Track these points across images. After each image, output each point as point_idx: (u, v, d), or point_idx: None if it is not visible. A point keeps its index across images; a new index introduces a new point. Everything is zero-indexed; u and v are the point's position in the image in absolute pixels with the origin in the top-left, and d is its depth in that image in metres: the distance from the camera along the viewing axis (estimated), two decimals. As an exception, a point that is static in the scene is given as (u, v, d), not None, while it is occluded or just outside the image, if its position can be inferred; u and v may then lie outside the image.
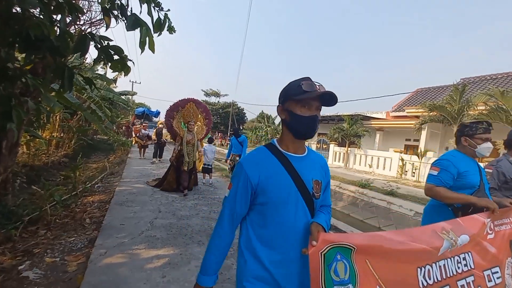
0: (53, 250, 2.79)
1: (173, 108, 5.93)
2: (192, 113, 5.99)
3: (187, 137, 5.36)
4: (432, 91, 17.21)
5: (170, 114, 5.87)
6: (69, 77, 2.25)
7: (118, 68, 2.24)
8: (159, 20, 2.28)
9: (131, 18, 2.00)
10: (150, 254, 2.66)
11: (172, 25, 2.38)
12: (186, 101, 6.03)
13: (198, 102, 6.22)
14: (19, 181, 5.84)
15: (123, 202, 4.33)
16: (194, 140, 5.44)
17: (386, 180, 10.66)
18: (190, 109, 5.99)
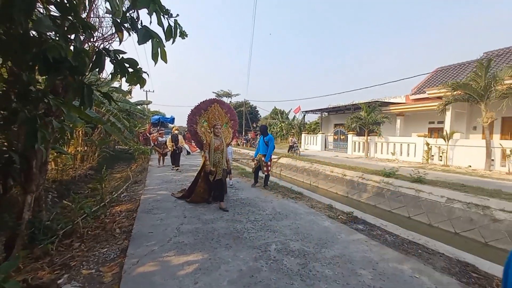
0: (88, 262, 2.88)
1: (195, 111, 5.27)
2: (217, 115, 5.33)
3: (214, 143, 4.69)
4: (453, 69, 16.30)
5: (193, 119, 5.22)
6: (88, 94, 2.30)
7: (134, 81, 2.26)
8: (170, 28, 2.27)
9: (141, 31, 2.00)
10: (180, 260, 2.68)
11: (184, 30, 2.37)
12: (209, 103, 5.38)
13: (221, 103, 5.62)
14: (50, 196, 6.15)
15: (149, 210, 4.43)
16: (222, 146, 4.78)
17: (412, 167, 10.23)
18: (215, 111, 5.32)
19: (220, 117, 5.34)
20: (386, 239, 3.40)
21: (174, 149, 9.50)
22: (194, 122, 5.23)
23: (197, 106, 5.34)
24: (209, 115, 5.29)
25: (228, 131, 5.45)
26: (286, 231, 3.55)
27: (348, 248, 3.06)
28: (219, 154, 4.74)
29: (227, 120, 5.48)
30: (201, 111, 5.29)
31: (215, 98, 5.63)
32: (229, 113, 5.58)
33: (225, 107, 5.60)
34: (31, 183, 3.66)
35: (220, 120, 5.26)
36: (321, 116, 22.53)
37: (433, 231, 6.02)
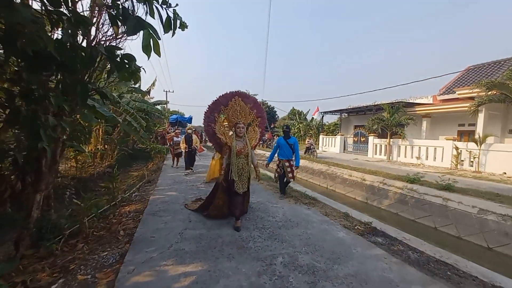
0: (86, 266, 2.77)
1: (213, 108, 4.38)
2: (240, 112, 4.32)
3: (237, 146, 3.84)
4: (487, 67, 15.07)
5: (210, 116, 4.35)
6: (83, 92, 2.19)
7: (125, 77, 2.10)
8: (168, 19, 2.09)
9: (131, 21, 1.83)
10: (178, 271, 2.50)
11: (184, 22, 2.18)
12: (230, 96, 4.40)
13: (245, 96, 4.55)
14: (68, 193, 6.26)
15: (155, 212, 4.32)
16: (247, 149, 3.89)
17: (439, 172, 9.50)
18: (236, 107, 4.33)
19: (244, 114, 4.34)
20: (409, 256, 3.02)
21: (189, 150, 8.61)
22: (211, 120, 4.33)
23: (216, 101, 4.40)
24: (230, 112, 4.29)
25: (254, 130, 4.45)
26: (295, 241, 3.27)
27: (365, 265, 2.72)
28: (243, 160, 3.85)
29: (252, 117, 4.47)
30: (220, 107, 4.34)
31: (237, 91, 4.50)
32: (255, 109, 4.52)
33: (250, 101, 4.54)
34: (41, 182, 3.64)
35: (243, 118, 4.29)
36: (340, 117, 21.79)
37: (462, 245, 5.45)
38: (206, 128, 4.40)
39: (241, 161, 3.84)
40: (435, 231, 6.18)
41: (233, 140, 3.90)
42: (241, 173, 3.82)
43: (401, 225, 6.48)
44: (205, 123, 4.41)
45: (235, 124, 4.00)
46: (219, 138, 4.16)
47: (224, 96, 4.43)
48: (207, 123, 4.36)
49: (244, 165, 3.86)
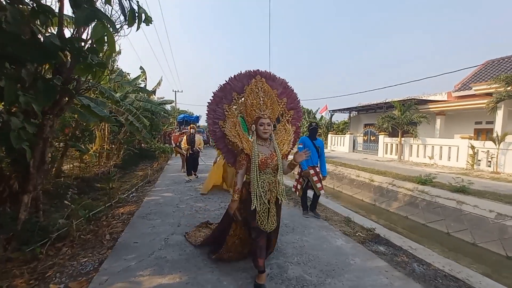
0: (62, 273, 2.61)
1: (221, 96, 2.82)
2: (264, 101, 2.62)
3: (260, 154, 2.42)
4: (506, 62, 14.20)
5: (217, 110, 2.82)
6: (46, 89, 2.01)
7: (83, 72, 1.91)
8: (132, 12, 1.88)
9: (84, 10, 1.62)
10: (153, 283, 2.29)
11: (149, 16, 1.96)
12: (247, 78, 2.78)
13: (270, 77, 2.86)
14: (70, 193, 6.22)
15: (146, 214, 4.15)
16: (276, 159, 2.46)
17: (453, 173, 8.95)
18: (259, 92, 2.64)
19: (270, 104, 2.61)
20: (414, 269, 2.69)
21: (191, 152, 7.25)
22: (219, 115, 2.79)
23: (225, 86, 2.80)
24: (248, 101, 2.62)
25: (286, 129, 2.78)
26: (288, 249, 3.00)
27: (362, 280, 2.43)
28: (270, 176, 2.42)
29: (282, 110, 2.86)
30: (231, 95, 2.80)
31: (258, 70, 2.80)
32: (286, 96, 2.89)
33: (278, 85, 2.87)
34: (28, 183, 3.54)
35: (269, 109, 2.58)
36: (349, 115, 21.19)
37: (478, 252, 5.02)
38: (212, 127, 2.82)
39: (267, 178, 2.38)
40: (448, 236, 5.75)
41: (253, 145, 2.40)
42: (268, 198, 2.36)
43: (411, 229, 6.09)
44: (209, 120, 2.81)
45: (257, 120, 2.45)
46: (231, 142, 2.61)
47: (238, 78, 2.77)
48: (212, 120, 2.78)
49: (273, 185, 2.39)
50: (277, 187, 2.42)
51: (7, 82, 1.65)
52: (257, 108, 2.51)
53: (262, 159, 2.35)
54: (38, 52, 1.67)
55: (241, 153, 2.45)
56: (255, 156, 2.35)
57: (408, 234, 5.64)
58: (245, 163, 2.41)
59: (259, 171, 2.35)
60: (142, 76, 13.12)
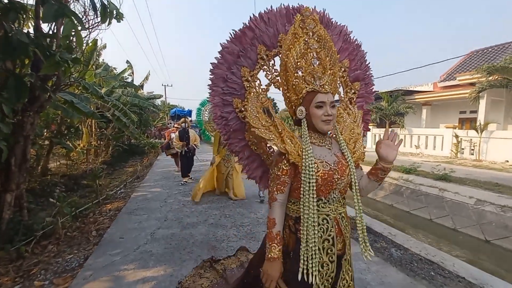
0: (47, 270, 2.62)
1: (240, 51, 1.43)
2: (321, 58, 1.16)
3: (319, 161, 1.16)
4: (490, 52, 14.50)
5: (230, 80, 1.42)
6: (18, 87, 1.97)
7: (49, 69, 1.88)
8: (103, 7, 1.86)
9: (51, 7, 1.59)
10: (137, 276, 2.33)
11: (120, 12, 1.95)
12: (284, 18, 1.46)
13: (323, 21, 1.48)
14: (58, 191, 6.14)
15: (132, 210, 4.16)
16: (346, 172, 1.21)
17: (438, 161, 9.21)
18: (309, 41, 1.16)
19: (331, 64, 1.19)
20: (392, 254, 2.82)
21: (185, 150, 6.14)
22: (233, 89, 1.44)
23: (243, 33, 1.45)
24: (289, 60, 1.19)
25: (350, 115, 1.50)
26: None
27: (341, 266, 2.53)
28: (338, 206, 1.23)
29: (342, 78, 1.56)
30: (256, 51, 1.43)
31: (301, 6, 1.40)
32: (349, 55, 1.58)
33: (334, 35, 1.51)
34: (10, 182, 3.49)
35: (330, 76, 1.17)
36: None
37: (458, 237, 5.25)
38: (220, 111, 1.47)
39: (333, 210, 1.21)
40: (431, 223, 5.98)
41: (305, 145, 1.15)
42: (339, 250, 1.24)
43: (396, 217, 6.30)
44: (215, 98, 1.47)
45: (310, 98, 1.17)
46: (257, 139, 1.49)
47: (266, 18, 1.47)
48: (221, 99, 1.46)
49: (344, 223, 1.27)
50: (348, 229, 1.29)
51: None
52: (308, 73, 1.16)
53: (323, 173, 1.14)
54: (8, 49, 1.64)
55: (279, 162, 1.18)
56: (310, 167, 1.11)
57: (394, 222, 5.84)
58: (288, 181, 1.18)
59: (318, 198, 1.16)
60: (129, 70, 12.85)
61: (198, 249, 2.83)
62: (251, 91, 1.42)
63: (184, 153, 6.20)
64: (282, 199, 1.18)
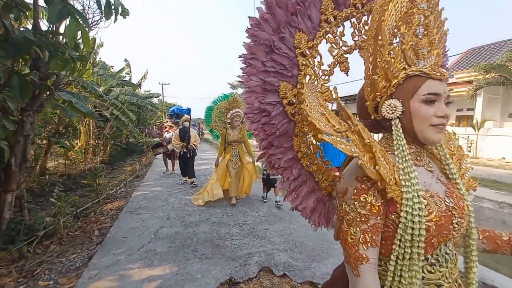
0: (51, 270, 2.62)
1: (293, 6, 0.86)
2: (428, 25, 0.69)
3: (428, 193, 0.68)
4: (487, 50, 14.61)
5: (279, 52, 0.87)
6: (22, 85, 1.96)
7: (58, 67, 1.87)
8: (108, 4, 1.85)
9: (55, 6, 1.58)
10: (143, 275, 2.33)
11: (126, 8, 1.93)
12: None
13: None
14: (56, 191, 6.10)
15: (134, 209, 4.15)
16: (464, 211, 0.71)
17: (435, 159, 9.28)
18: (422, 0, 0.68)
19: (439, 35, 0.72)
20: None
21: (184, 151, 5.70)
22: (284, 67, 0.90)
23: None
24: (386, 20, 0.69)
25: None
26: (275, 238, 3.10)
27: (345, 263, 2.56)
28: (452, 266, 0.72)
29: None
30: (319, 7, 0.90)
31: None
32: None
33: None
34: (11, 182, 3.46)
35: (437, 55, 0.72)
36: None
37: (457, 234, 5.31)
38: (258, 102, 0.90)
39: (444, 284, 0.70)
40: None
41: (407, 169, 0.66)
42: None
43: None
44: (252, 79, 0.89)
45: (415, 86, 0.69)
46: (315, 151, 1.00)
47: None
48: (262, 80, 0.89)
49: None
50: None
51: None
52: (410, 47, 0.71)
53: (438, 216, 0.66)
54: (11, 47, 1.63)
55: (362, 192, 0.68)
56: (420, 207, 0.63)
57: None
58: (381, 225, 0.68)
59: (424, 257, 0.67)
60: (127, 69, 12.77)
61: (202, 247, 2.84)
62: (307, 72, 0.92)
63: (183, 154, 5.76)
64: (375, 257, 0.67)
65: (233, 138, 4.48)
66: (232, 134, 4.50)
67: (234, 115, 4.46)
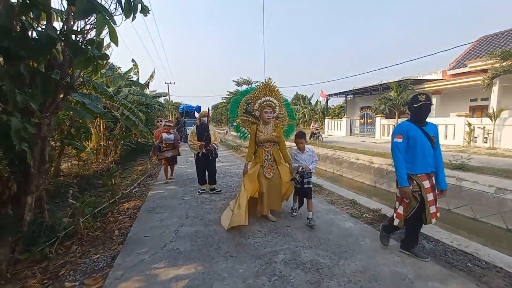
0: (76, 271, 2.61)
1: None
2: None
3: None
4: (501, 37, 14.14)
5: None
6: (44, 85, 1.93)
7: (82, 65, 1.83)
8: (128, 2, 1.79)
9: (81, 3, 1.53)
10: (170, 274, 2.30)
11: (145, 6, 1.87)
12: None
13: None
14: (71, 191, 6.17)
15: (152, 208, 4.14)
16: None
17: (450, 151, 9.06)
18: None
19: None
20: (424, 246, 2.75)
21: (204, 151, 4.73)
22: None
23: None
24: None
25: None
26: (298, 234, 3.03)
27: (374, 259, 2.47)
28: None
29: None
30: None
31: None
32: None
33: None
34: (31, 184, 3.48)
35: None
36: (345, 99, 21.16)
37: (479, 227, 5.15)
38: None
39: None
40: (449, 213, 5.88)
41: None
42: None
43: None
44: None
45: None
46: None
47: None
48: None
49: None
50: None
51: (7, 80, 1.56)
52: None
53: None
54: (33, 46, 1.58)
55: None
56: None
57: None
58: None
59: None
60: (134, 69, 12.82)
61: (225, 245, 2.80)
62: None
63: (202, 156, 4.74)
64: None
65: (266, 137, 3.44)
66: (264, 131, 3.47)
67: (263, 105, 3.48)
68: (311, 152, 3.46)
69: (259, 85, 3.93)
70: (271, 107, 3.51)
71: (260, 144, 3.49)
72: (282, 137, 3.59)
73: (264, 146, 3.48)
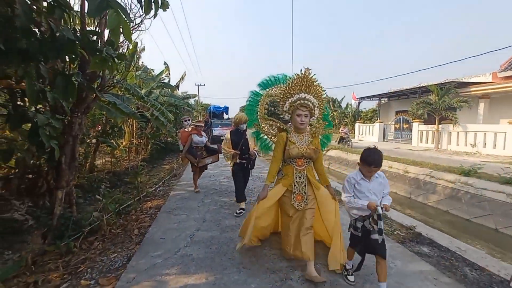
0: (93, 268, 2.65)
1: None
2: None
3: None
4: None
5: None
6: (65, 85, 1.96)
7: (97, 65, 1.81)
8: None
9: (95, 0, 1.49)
10: (179, 282, 2.22)
11: (165, 0, 1.81)
12: None
13: None
14: (103, 187, 6.49)
15: (172, 209, 4.15)
16: None
17: (500, 162, 8.06)
18: None
19: None
20: (466, 274, 2.37)
21: (243, 161, 4.00)
22: None
23: None
24: None
25: None
26: (317, 250, 2.79)
27: (404, 286, 2.17)
28: None
29: None
30: None
31: None
32: None
33: None
34: (61, 179, 3.66)
35: None
36: (379, 102, 20.01)
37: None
38: None
39: None
40: (496, 233, 5.18)
41: None
42: None
43: (453, 226, 5.58)
44: None
45: None
46: None
47: None
48: None
49: None
50: None
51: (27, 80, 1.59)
52: None
53: None
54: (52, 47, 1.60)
55: None
56: None
57: (449, 230, 5.17)
58: None
59: None
60: (166, 72, 13.33)
61: (239, 255, 2.66)
62: None
63: (236, 166, 4.00)
64: None
65: (300, 151, 2.46)
66: (297, 142, 2.48)
67: (297, 105, 2.45)
68: (381, 178, 2.22)
69: (290, 77, 2.84)
70: (307, 108, 2.45)
71: (290, 161, 2.53)
72: (319, 150, 2.66)
73: (295, 163, 2.51)
